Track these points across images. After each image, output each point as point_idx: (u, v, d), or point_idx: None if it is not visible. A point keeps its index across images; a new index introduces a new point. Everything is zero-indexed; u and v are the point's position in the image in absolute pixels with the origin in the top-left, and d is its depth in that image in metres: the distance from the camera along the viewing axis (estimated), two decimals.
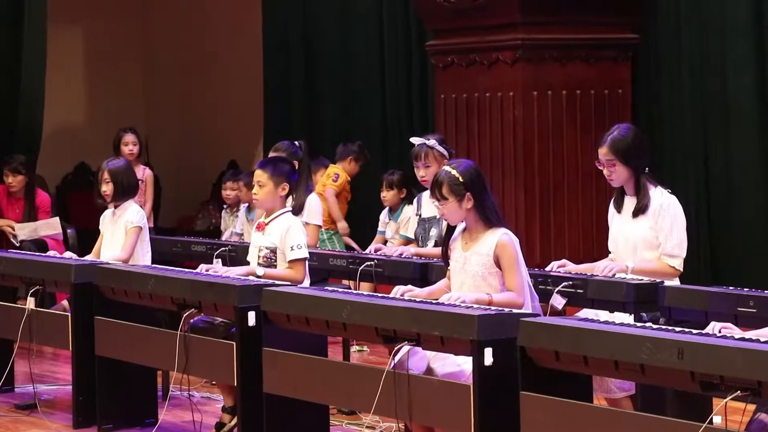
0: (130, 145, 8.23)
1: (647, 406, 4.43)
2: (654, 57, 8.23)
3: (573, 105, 8.12)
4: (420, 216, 6.42)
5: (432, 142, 6.16)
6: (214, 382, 6.52)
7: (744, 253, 7.75)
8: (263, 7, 10.80)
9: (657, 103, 8.24)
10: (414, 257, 6.02)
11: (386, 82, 9.81)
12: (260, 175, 5.56)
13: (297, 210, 6.36)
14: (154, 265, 5.99)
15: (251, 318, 4.97)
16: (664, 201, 5.15)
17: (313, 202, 6.81)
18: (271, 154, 6.80)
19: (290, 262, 5.49)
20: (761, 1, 7.59)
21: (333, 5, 10.21)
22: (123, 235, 6.18)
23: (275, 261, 5.51)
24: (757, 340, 3.61)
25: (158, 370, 6.01)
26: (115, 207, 6.26)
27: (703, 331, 3.77)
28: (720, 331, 3.74)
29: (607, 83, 8.18)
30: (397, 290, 4.84)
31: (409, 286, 4.91)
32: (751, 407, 3.66)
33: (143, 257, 6.20)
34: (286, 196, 5.62)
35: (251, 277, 5.38)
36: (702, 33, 7.95)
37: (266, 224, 5.58)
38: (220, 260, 6.65)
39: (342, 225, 8.45)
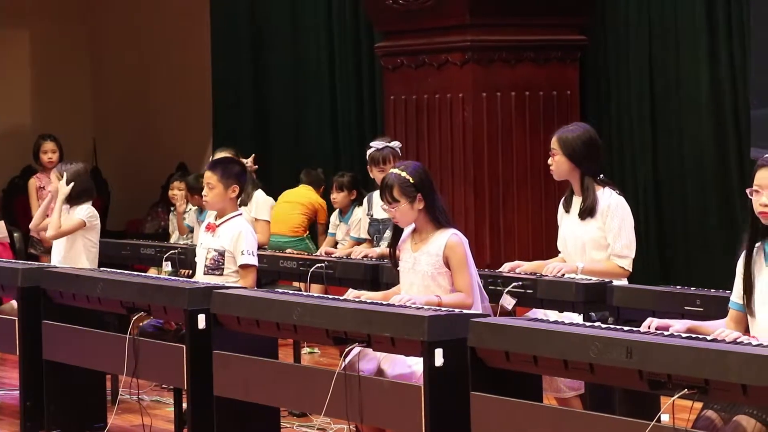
0: (49, 153, 8.11)
1: (596, 405, 4.46)
2: (602, 58, 8.29)
3: (522, 106, 8.16)
4: (371, 216, 6.43)
5: (395, 143, 6.19)
6: (164, 386, 6.48)
7: (692, 253, 7.83)
8: (211, 9, 10.76)
9: (606, 103, 8.30)
10: (365, 259, 6.02)
11: (336, 83, 9.81)
12: (210, 177, 5.53)
13: (243, 202, 6.37)
14: (102, 269, 5.95)
15: (201, 321, 4.95)
16: (612, 202, 5.19)
17: (261, 198, 6.80)
18: (219, 155, 6.78)
19: (241, 266, 5.48)
20: (710, 4, 7.66)
21: (282, 7, 10.19)
22: (72, 238, 6.13)
23: (223, 264, 5.49)
24: (704, 339, 3.65)
25: (107, 375, 5.97)
26: (70, 207, 6.23)
27: (640, 328, 3.81)
28: (656, 328, 3.79)
29: (556, 84, 8.23)
30: (350, 293, 4.84)
31: (362, 291, 4.91)
32: (698, 405, 3.69)
33: (87, 257, 6.15)
34: (237, 197, 5.60)
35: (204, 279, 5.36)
36: (650, 34, 8.01)
37: (217, 226, 5.56)
38: (169, 263, 6.61)
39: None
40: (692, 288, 4.83)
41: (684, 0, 7.80)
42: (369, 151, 6.25)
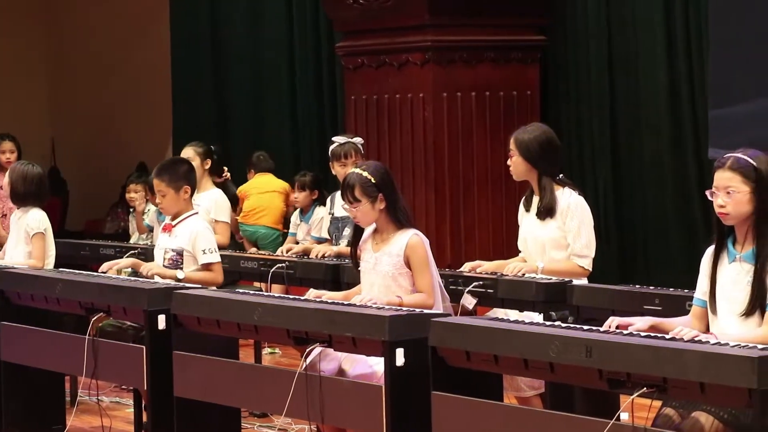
0: (7, 153, 8.03)
1: (556, 404, 4.48)
2: (562, 58, 8.34)
3: (482, 106, 8.18)
4: (333, 215, 6.42)
5: (357, 139, 6.20)
6: (123, 387, 6.44)
7: (652, 252, 7.89)
8: (171, 8, 10.71)
9: (566, 104, 8.34)
10: (326, 258, 6.02)
11: (296, 83, 9.79)
12: (158, 185, 5.52)
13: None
14: (61, 269, 5.90)
15: (161, 321, 4.92)
16: (572, 202, 5.22)
17: (220, 199, 6.78)
18: (186, 151, 6.77)
19: (204, 266, 5.46)
20: (672, 2, 7.72)
21: (242, 6, 10.17)
22: (24, 239, 6.07)
23: (181, 263, 5.47)
24: (663, 338, 3.68)
25: (66, 376, 5.92)
26: (18, 209, 6.17)
27: (602, 328, 3.84)
28: (617, 327, 3.81)
29: (516, 85, 8.26)
30: (310, 293, 4.84)
31: (323, 291, 4.91)
32: (657, 403, 3.72)
33: (46, 260, 6.10)
34: (191, 195, 5.58)
35: (163, 280, 5.34)
36: (609, 34, 8.06)
37: (173, 226, 5.54)
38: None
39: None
40: (651, 287, 4.87)
41: (642, 1, 7.86)
42: (331, 147, 6.26)
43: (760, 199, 3.82)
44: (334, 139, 6.31)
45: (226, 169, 7.17)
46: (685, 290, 4.53)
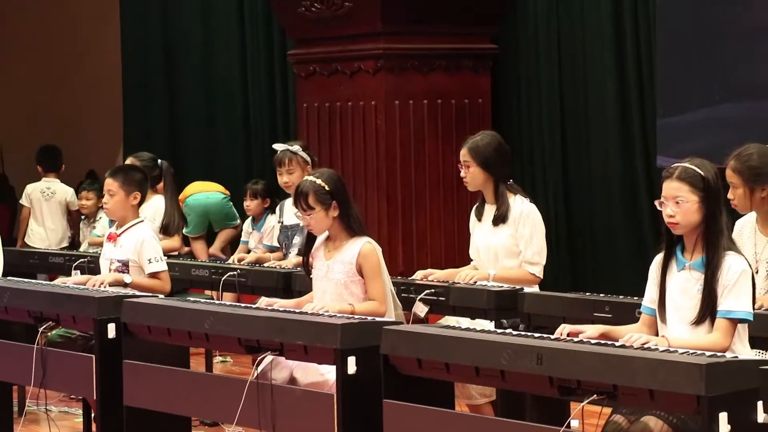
0: None
1: (507, 411, 4.50)
2: (513, 66, 8.38)
3: (434, 114, 8.21)
4: (282, 223, 6.41)
5: (296, 147, 6.19)
6: (72, 396, 6.39)
7: (600, 260, 7.94)
8: (122, 15, 10.65)
9: (517, 112, 8.39)
10: (278, 267, 6.01)
11: (249, 91, 9.77)
12: (110, 184, 5.48)
13: (171, 231, 6.50)
14: (9, 278, 5.84)
15: (111, 330, 4.89)
16: (524, 209, 5.25)
17: (161, 208, 6.74)
18: (130, 160, 6.72)
19: (151, 275, 5.42)
20: (621, 11, 7.79)
21: (194, 13, 10.13)
22: None
23: (127, 273, 5.44)
24: (613, 345, 3.70)
25: (14, 385, 5.86)
26: None
27: (552, 336, 3.86)
28: (568, 334, 3.84)
29: (468, 93, 8.29)
30: (262, 301, 4.82)
31: (274, 299, 4.90)
32: (607, 410, 3.74)
33: None
34: (139, 204, 5.55)
35: (113, 289, 5.29)
36: (558, 42, 8.12)
37: (118, 235, 5.50)
38: (78, 271, 6.52)
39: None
40: (602, 294, 4.90)
41: (591, 10, 7.92)
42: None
43: (709, 208, 3.85)
44: (273, 146, 6.33)
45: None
46: (635, 297, 4.56)
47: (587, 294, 5.01)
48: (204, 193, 8.38)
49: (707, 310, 3.81)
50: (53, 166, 8.90)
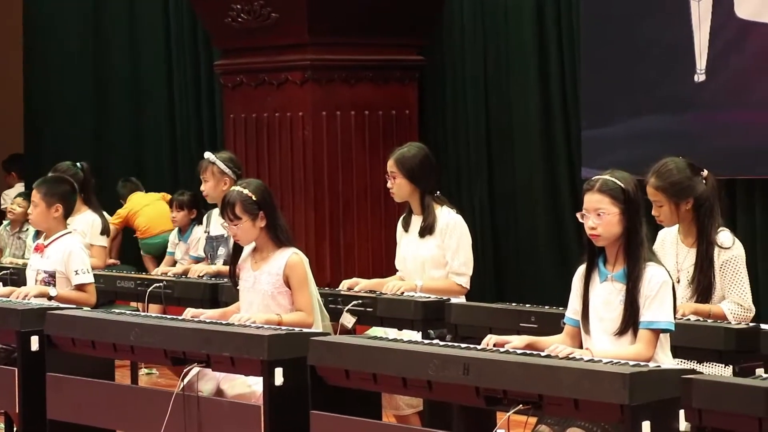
0: None
1: (434, 421, 4.52)
2: (440, 78, 8.43)
3: (362, 125, 8.22)
4: (208, 233, 6.38)
5: (213, 157, 6.16)
6: None
7: (526, 271, 8.01)
8: (27, 21, 10.52)
9: (443, 124, 8.43)
10: (204, 278, 5.97)
11: (175, 101, 9.70)
12: (34, 195, 5.46)
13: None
14: None
15: (34, 342, 4.82)
16: (450, 220, 5.28)
17: (96, 222, 6.69)
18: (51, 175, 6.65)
19: (77, 286, 5.37)
20: (545, 26, 7.87)
21: (119, 22, 10.04)
22: None
23: (54, 285, 5.38)
24: (538, 355, 3.74)
25: None
26: None
27: (479, 346, 3.89)
28: (495, 345, 3.87)
29: (395, 104, 8.32)
30: (188, 313, 4.79)
31: (201, 310, 4.87)
32: (533, 420, 3.78)
33: None
34: (65, 216, 5.49)
35: (37, 301, 5.23)
36: (485, 55, 8.18)
37: (45, 246, 5.44)
38: (0, 283, 6.43)
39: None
40: (527, 305, 4.95)
41: (516, 22, 8.00)
42: None
43: (629, 220, 3.91)
44: (205, 154, 6.33)
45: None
46: (560, 308, 4.61)
47: (513, 305, 5.05)
48: (154, 236, 8.48)
49: (630, 321, 3.86)
50: None
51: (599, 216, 3.89)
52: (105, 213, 6.98)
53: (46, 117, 10.55)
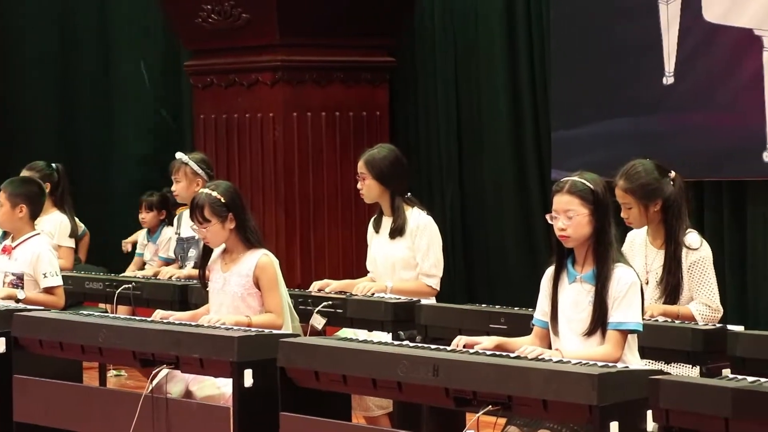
0: None
1: (404, 423, 4.52)
2: (411, 80, 8.44)
3: (332, 127, 8.22)
4: (179, 235, 6.36)
5: (186, 158, 6.15)
6: None
7: (498, 273, 8.03)
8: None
9: (414, 125, 8.44)
10: (174, 279, 5.95)
11: (145, 101, 9.66)
12: (0, 196, 5.42)
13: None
14: None
15: (1, 344, 4.79)
16: (420, 222, 5.29)
17: (64, 223, 6.65)
18: (24, 173, 6.61)
19: (46, 289, 5.34)
20: (514, 28, 7.89)
21: (90, 22, 9.99)
22: None
23: (22, 286, 5.35)
24: (508, 356, 3.75)
25: None
26: None
27: (449, 347, 3.89)
28: (464, 346, 3.87)
29: (366, 105, 8.32)
30: (157, 314, 4.78)
31: (170, 311, 4.85)
32: (502, 421, 3.79)
33: None
34: (32, 218, 5.46)
35: (3, 302, 5.19)
36: (455, 56, 8.20)
37: (13, 248, 5.41)
38: None
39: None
40: (497, 306, 4.96)
41: (486, 25, 8.02)
42: None
43: (599, 221, 3.92)
44: (176, 155, 6.31)
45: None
46: (530, 309, 4.61)
47: (483, 306, 5.06)
48: None
49: (598, 322, 3.88)
50: None
51: (569, 217, 3.91)
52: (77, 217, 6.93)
53: (13, 119, 10.48)
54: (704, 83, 6.86)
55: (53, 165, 6.76)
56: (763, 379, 3.36)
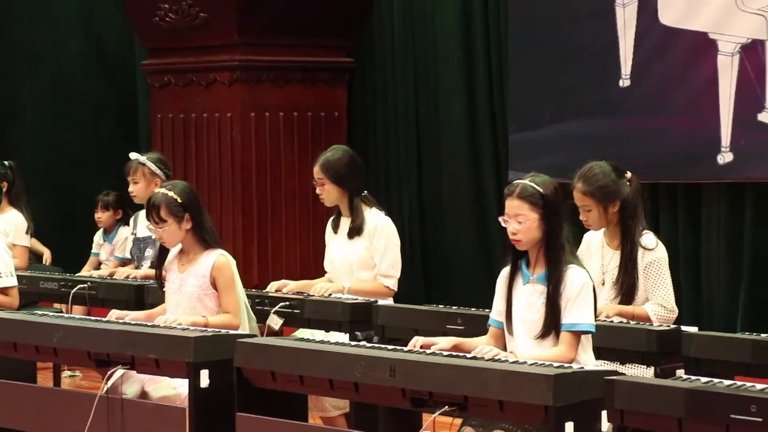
0: None
1: (360, 423, 4.52)
2: (369, 81, 8.45)
3: (290, 127, 8.21)
4: (135, 235, 6.33)
5: (143, 158, 6.12)
6: None
7: (455, 273, 8.05)
8: None
9: (372, 127, 8.45)
10: (130, 279, 5.92)
11: (101, 101, 9.60)
12: None
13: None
14: None
15: None
16: (378, 222, 5.29)
17: (20, 222, 6.60)
18: None
19: (0, 289, 5.30)
20: (470, 33, 7.92)
21: (42, 21, 9.90)
22: None
23: None
24: (464, 357, 3.76)
25: None
26: None
27: (406, 348, 3.90)
28: (421, 346, 3.88)
29: (324, 106, 8.32)
30: (112, 314, 4.75)
31: (126, 311, 4.83)
32: (458, 421, 3.80)
33: None
34: None
35: None
36: (414, 58, 8.22)
37: None
38: None
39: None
40: (454, 307, 4.98)
41: (444, 25, 8.05)
42: None
43: (549, 224, 3.93)
44: (130, 155, 6.28)
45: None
46: (486, 310, 4.63)
47: (440, 306, 5.08)
48: None
49: (551, 324, 3.90)
50: None
51: (519, 222, 3.91)
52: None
53: None
54: (660, 86, 6.92)
55: (6, 163, 6.71)
56: (716, 380, 3.40)
